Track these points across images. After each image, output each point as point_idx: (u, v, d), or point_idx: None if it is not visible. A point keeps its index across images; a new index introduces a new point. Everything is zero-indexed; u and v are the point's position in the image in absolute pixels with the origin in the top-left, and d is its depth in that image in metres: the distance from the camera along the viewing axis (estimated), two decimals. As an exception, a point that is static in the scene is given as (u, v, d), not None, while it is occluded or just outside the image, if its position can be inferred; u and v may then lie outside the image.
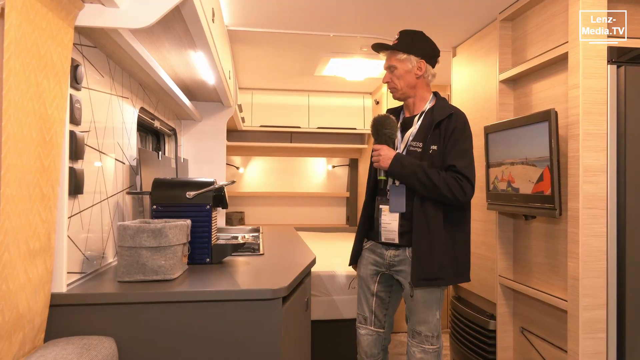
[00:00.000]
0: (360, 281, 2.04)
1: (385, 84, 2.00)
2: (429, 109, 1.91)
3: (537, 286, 2.18)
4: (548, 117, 1.93)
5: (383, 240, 1.91)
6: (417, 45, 1.91)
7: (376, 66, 3.48)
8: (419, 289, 1.83)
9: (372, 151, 1.89)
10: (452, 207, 1.82)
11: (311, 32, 2.78)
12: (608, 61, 1.84)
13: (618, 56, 1.85)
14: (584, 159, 1.83)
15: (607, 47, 1.84)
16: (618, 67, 1.85)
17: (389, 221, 1.89)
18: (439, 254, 1.78)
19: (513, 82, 2.43)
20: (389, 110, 2.07)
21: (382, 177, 1.90)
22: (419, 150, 1.85)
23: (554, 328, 2.10)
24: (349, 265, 2.12)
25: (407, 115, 1.98)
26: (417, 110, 1.95)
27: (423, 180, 1.76)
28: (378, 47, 1.95)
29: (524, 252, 2.31)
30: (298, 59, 3.40)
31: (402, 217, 1.86)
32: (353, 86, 4.27)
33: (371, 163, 1.97)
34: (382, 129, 1.87)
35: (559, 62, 2.04)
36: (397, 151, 1.87)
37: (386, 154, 1.83)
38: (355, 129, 4.52)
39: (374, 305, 2.00)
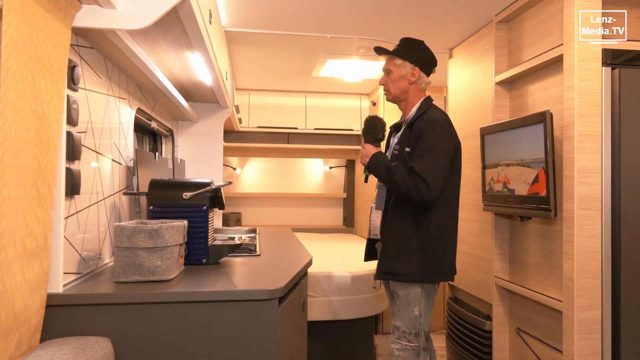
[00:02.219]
0: None
1: (382, 86, 2.09)
2: (415, 114, 1.98)
3: (532, 287, 2.19)
4: (543, 118, 1.94)
5: (372, 236, 2.04)
6: (413, 52, 1.99)
7: (373, 67, 3.49)
8: (397, 283, 1.90)
9: None
10: (414, 207, 1.86)
11: (308, 34, 2.79)
12: (603, 63, 1.86)
13: (613, 58, 1.87)
14: (578, 160, 1.84)
15: (602, 49, 1.86)
16: (612, 69, 1.86)
17: (375, 218, 2.01)
18: (401, 251, 1.86)
19: (509, 84, 2.44)
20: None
21: (365, 172, 2.03)
22: (397, 152, 1.96)
23: (549, 328, 2.11)
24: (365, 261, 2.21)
25: (403, 119, 2.08)
26: (407, 115, 2.03)
27: (388, 177, 1.85)
28: (378, 50, 2.04)
29: (520, 253, 2.32)
30: (295, 60, 3.41)
31: (383, 214, 1.96)
32: (350, 87, 4.28)
33: None
34: (366, 129, 2.02)
35: (555, 64, 2.05)
36: (378, 149, 1.97)
37: (366, 152, 1.96)
38: (352, 130, 4.53)
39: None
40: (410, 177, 1.80)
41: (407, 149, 1.89)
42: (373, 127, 2.00)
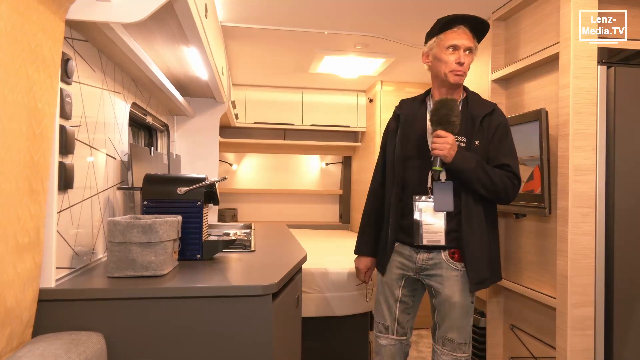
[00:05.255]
0: (382, 286, 1.89)
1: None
2: (462, 100, 1.79)
3: (527, 284, 2.20)
4: (539, 116, 1.95)
5: (425, 242, 1.72)
6: None
7: (370, 64, 3.48)
8: (457, 293, 1.71)
9: (433, 137, 1.67)
10: (488, 205, 1.75)
11: (305, 29, 2.77)
12: (598, 62, 1.86)
13: (608, 57, 1.87)
14: (573, 158, 1.84)
15: (598, 47, 1.86)
16: (608, 67, 1.86)
17: (432, 221, 1.72)
18: (485, 254, 1.72)
19: (505, 82, 2.44)
20: (404, 101, 1.91)
21: (438, 167, 1.68)
22: (464, 144, 1.72)
23: (543, 325, 2.12)
24: (355, 253, 2.01)
25: None
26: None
27: (482, 177, 1.65)
28: (474, 21, 1.76)
29: (515, 250, 2.33)
30: (292, 56, 3.40)
31: (447, 215, 1.72)
32: (347, 84, 4.27)
33: (384, 163, 1.90)
34: (452, 114, 1.63)
35: (551, 62, 2.05)
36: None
37: (453, 145, 1.64)
38: (349, 126, 4.52)
39: (397, 312, 1.85)
40: (506, 177, 1.69)
41: (477, 142, 1.71)
42: (458, 115, 1.63)
